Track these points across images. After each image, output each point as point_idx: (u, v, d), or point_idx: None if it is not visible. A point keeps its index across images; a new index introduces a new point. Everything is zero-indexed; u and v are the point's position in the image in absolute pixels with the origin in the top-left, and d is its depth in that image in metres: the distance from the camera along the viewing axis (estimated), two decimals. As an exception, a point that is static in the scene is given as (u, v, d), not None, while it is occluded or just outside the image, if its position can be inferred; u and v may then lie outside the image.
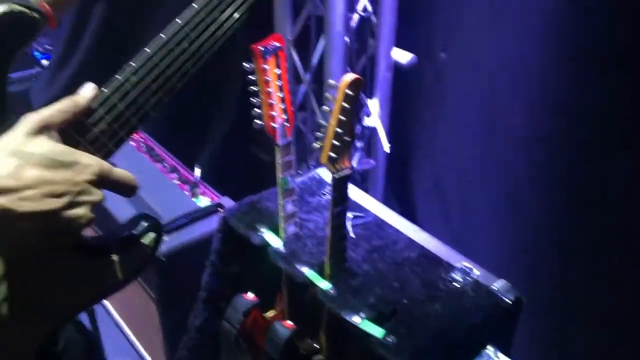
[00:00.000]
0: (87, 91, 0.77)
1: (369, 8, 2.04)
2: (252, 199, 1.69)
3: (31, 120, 0.70)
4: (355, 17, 2.06)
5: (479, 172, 2.11)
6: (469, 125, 2.08)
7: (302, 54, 2.22)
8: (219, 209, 1.81)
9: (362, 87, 1.25)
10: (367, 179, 2.37)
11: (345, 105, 1.23)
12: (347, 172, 1.30)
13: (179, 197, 1.92)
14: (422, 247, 1.51)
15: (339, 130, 1.24)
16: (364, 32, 2.12)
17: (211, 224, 1.73)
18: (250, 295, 1.58)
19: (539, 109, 1.80)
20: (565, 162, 1.78)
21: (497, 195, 2.06)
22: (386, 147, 2.23)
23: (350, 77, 1.21)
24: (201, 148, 2.43)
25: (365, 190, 2.36)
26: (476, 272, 1.42)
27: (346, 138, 1.27)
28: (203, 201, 1.92)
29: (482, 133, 2.03)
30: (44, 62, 3.16)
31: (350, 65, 2.10)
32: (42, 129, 0.70)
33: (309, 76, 2.22)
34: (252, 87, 1.36)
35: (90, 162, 0.72)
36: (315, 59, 2.17)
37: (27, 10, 0.75)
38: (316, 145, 1.30)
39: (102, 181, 0.73)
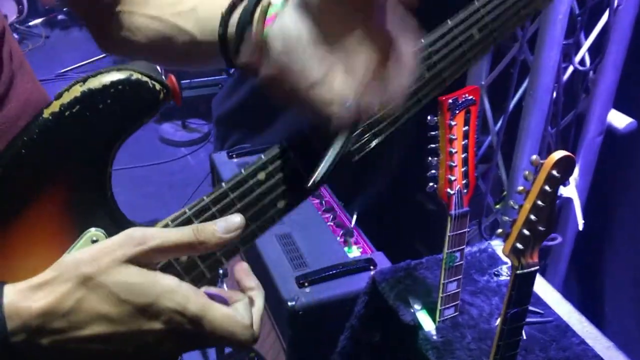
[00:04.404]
0: (228, 229, 0.58)
1: (588, 61, 1.72)
2: (410, 263, 1.48)
3: (130, 247, 0.54)
4: (569, 69, 1.75)
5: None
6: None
7: (494, 101, 1.95)
8: (370, 266, 1.61)
9: (573, 169, 0.98)
10: (547, 255, 2.03)
11: (547, 188, 0.97)
12: (533, 268, 1.04)
13: (329, 243, 1.73)
14: (615, 375, 1.18)
15: (532, 217, 0.99)
16: (575, 86, 1.80)
17: (358, 283, 1.54)
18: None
19: None
20: None
21: None
22: (580, 223, 1.89)
23: (560, 154, 0.96)
24: (362, 189, 2.24)
25: (543, 269, 2.02)
26: None
27: (540, 228, 1.01)
28: (354, 252, 1.73)
29: None
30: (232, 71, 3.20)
31: (553, 122, 1.79)
32: (139, 260, 0.55)
33: (498, 127, 1.94)
34: (431, 145, 1.16)
35: (170, 305, 0.54)
36: (509, 110, 1.89)
37: (147, 80, 0.59)
38: (505, 218, 1.06)
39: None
